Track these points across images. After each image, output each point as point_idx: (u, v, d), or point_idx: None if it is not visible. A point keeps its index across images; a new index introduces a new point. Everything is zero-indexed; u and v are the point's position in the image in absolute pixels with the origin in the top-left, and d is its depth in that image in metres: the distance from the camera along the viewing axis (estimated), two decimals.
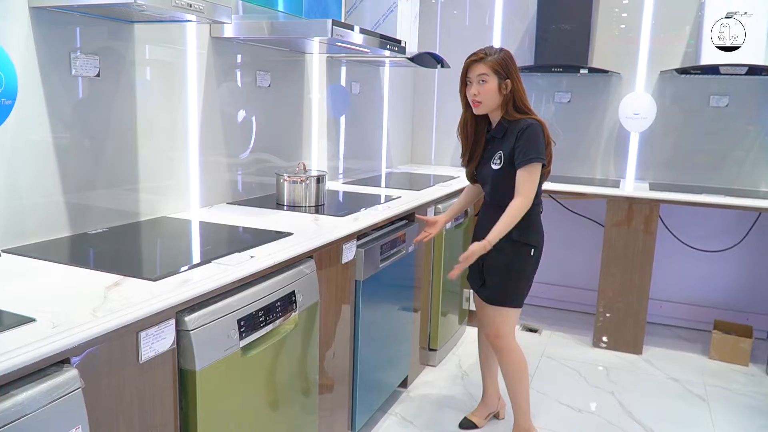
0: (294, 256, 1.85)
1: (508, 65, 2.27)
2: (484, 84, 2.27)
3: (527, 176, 2.24)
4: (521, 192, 2.24)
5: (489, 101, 2.29)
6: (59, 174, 1.85)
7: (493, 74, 2.25)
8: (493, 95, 2.28)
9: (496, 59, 2.26)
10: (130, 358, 1.31)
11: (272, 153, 2.88)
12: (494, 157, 2.34)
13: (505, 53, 2.29)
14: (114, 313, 1.26)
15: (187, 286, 1.45)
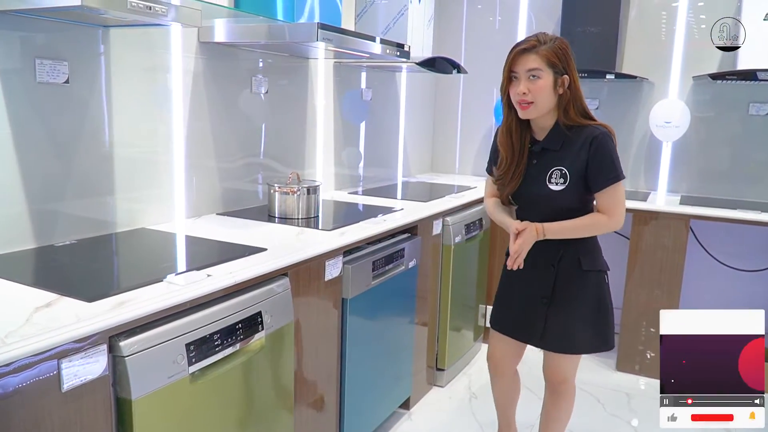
0: (261, 275, 1.74)
1: (566, 57, 1.87)
2: (537, 80, 1.84)
3: (615, 199, 1.90)
4: (613, 217, 1.91)
5: (542, 102, 1.87)
6: (22, 184, 1.79)
7: (548, 68, 1.84)
8: (548, 95, 1.86)
9: (551, 48, 1.84)
10: (50, 387, 1.21)
11: (271, 161, 2.78)
12: (550, 175, 1.92)
13: (560, 41, 1.88)
14: (26, 339, 1.16)
15: (122, 309, 1.35)
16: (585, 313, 1.99)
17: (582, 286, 1.98)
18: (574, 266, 1.97)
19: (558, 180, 1.91)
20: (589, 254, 1.98)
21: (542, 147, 1.95)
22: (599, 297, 2.00)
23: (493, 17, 4.12)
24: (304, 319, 1.98)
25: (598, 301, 1.99)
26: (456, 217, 3.03)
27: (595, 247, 2.01)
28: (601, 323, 2.01)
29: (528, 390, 3.11)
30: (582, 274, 1.97)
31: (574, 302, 1.99)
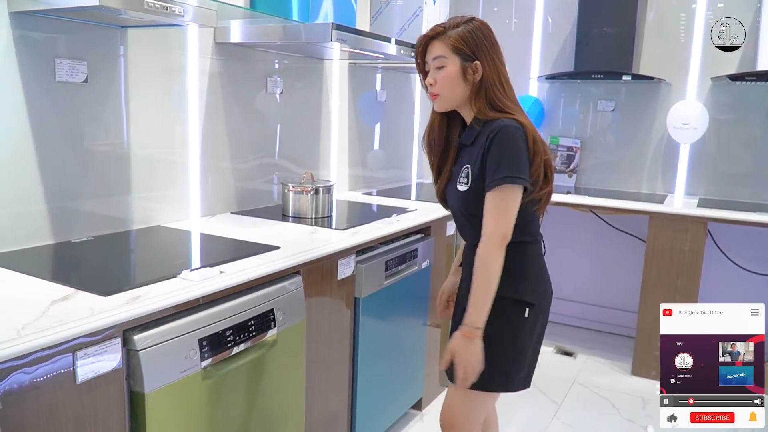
0: (274, 272, 1.75)
1: (477, 41, 1.60)
2: (442, 69, 1.62)
3: (496, 206, 1.54)
4: (486, 233, 1.55)
5: (449, 93, 1.63)
6: (41, 182, 1.82)
7: (454, 54, 1.60)
8: (455, 84, 1.61)
9: (458, 33, 1.60)
10: (65, 379, 1.23)
11: (286, 162, 2.80)
12: (461, 174, 1.67)
13: (473, 25, 1.62)
14: (41, 331, 1.18)
15: (136, 303, 1.37)
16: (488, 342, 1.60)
17: (493, 313, 1.58)
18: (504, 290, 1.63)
19: (463, 180, 1.66)
20: (509, 279, 1.60)
21: (460, 143, 1.72)
22: (503, 332, 1.64)
23: (509, 19, 4.11)
24: (317, 317, 1.99)
25: (500, 338, 1.63)
26: None
27: (520, 271, 1.65)
28: (491, 363, 1.59)
29: (541, 393, 3.10)
30: (498, 301, 1.59)
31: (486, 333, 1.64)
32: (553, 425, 2.82)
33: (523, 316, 1.65)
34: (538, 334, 1.73)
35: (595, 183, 3.97)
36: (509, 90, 1.66)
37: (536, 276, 1.70)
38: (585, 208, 3.61)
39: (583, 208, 3.58)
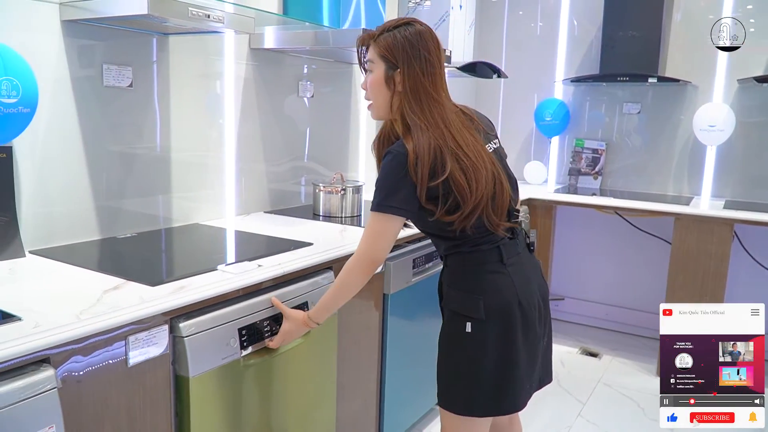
0: (308, 267, 1.83)
1: (401, 48, 1.49)
2: (370, 74, 1.56)
3: (367, 230, 1.56)
4: (357, 252, 1.57)
5: (375, 100, 1.57)
6: (90, 181, 1.93)
7: (380, 60, 1.52)
8: (378, 91, 1.54)
9: (386, 39, 1.51)
10: (118, 362, 1.33)
11: (316, 164, 2.89)
12: None
13: (408, 31, 1.51)
14: (98, 316, 1.28)
15: (182, 293, 1.46)
16: (438, 361, 1.67)
17: (444, 326, 1.66)
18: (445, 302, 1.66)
19: None
20: (458, 289, 1.60)
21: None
22: (447, 346, 1.63)
23: (534, 23, 4.16)
24: (347, 311, 2.07)
25: (445, 351, 1.64)
26: None
27: (468, 281, 1.59)
28: (443, 377, 1.64)
29: (565, 391, 3.14)
30: (447, 314, 1.64)
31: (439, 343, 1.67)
32: (578, 423, 2.85)
33: (465, 330, 1.56)
34: (509, 351, 1.56)
35: (620, 185, 3.99)
36: (426, 101, 1.50)
37: (479, 287, 1.57)
38: (610, 210, 3.64)
39: (608, 209, 3.61)
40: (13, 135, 1.55)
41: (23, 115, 1.51)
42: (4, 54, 1.47)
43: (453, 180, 1.46)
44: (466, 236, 1.55)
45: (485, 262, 1.58)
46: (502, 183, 1.56)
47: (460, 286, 1.59)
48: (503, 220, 1.57)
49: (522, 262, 1.63)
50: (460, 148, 1.49)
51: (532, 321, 1.59)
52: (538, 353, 1.67)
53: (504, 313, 1.56)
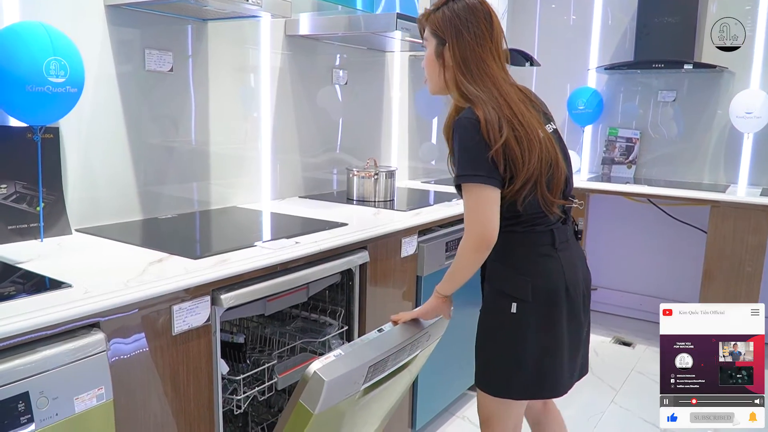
0: (344, 245, 1.86)
1: (452, 22, 1.51)
2: (426, 52, 1.60)
3: (465, 205, 1.50)
4: (465, 229, 1.51)
5: (431, 75, 1.61)
6: (132, 164, 1.99)
7: (432, 36, 1.57)
8: (431, 68, 1.59)
9: (435, 15, 1.55)
10: (163, 330, 1.37)
11: (348, 151, 2.92)
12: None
13: (456, 4, 1.52)
14: (144, 284, 1.32)
15: (223, 266, 1.50)
16: (477, 338, 1.67)
17: (485, 306, 1.66)
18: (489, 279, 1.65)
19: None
20: (503, 269, 1.59)
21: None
22: (489, 327, 1.62)
23: (567, 15, 4.13)
24: (381, 291, 2.09)
25: (486, 333, 1.63)
26: None
27: (513, 261, 1.57)
28: (482, 358, 1.64)
29: (599, 379, 3.12)
30: (490, 294, 1.63)
31: (479, 323, 1.67)
32: (611, 409, 2.84)
33: (509, 311, 1.55)
34: (553, 336, 1.55)
35: (654, 174, 3.94)
36: (478, 73, 1.51)
37: (529, 269, 1.55)
38: (643, 199, 3.60)
39: (641, 197, 3.57)
40: (61, 114, 1.60)
41: (71, 95, 1.57)
42: (52, 34, 1.52)
43: (508, 147, 1.45)
44: (522, 216, 1.53)
45: (537, 244, 1.56)
46: (558, 162, 1.54)
47: (509, 265, 1.57)
48: (558, 199, 1.55)
49: (570, 249, 1.61)
50: (515, 116, 1.47)
51: (577, 309, 1.58)
52: (581, 342, 1.65)
53: (551, 297, 1.54)
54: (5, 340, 1.08)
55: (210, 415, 1.53)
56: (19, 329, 1.09)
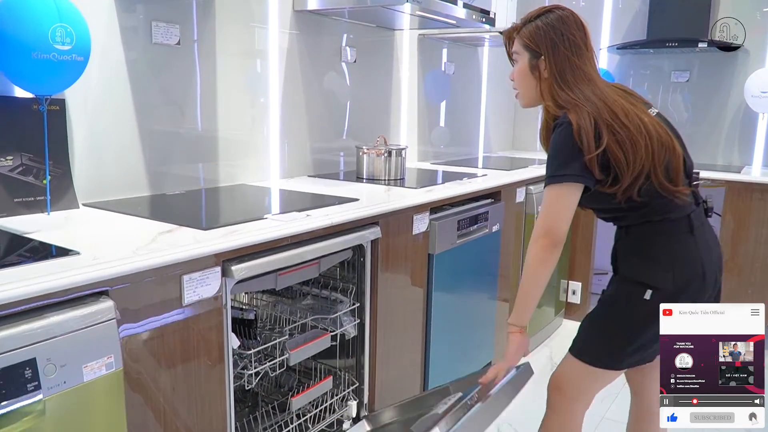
0: (354, 219, 1.83)
1: (543, 36, 1.56)
2: (517, 65, 1.63)
3: (544, 205, 1.53)
4: (534, 230, 1.54)
5: (522, 89, 1.63)
6: (140, 139, 1.95)
7: (524, 50, 1.60)
8: (525, 81, 1.60)
9: (528, 29, 1.58)
10: (172, 300, 1.34)
11: (357, 132, 2.88)
12: None
13: (549, 18, 1.57)
14: (153, 253, 1.29)
15: (234, 236, 1.47)
16: (595, 314, 1.68)
17: (612, 291, 1.64)
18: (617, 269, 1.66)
19: None
20: (631, 259, 1.59)
21: None
22: (617, 311, 1.61)
23: None
24: (393, 268, 2.06)
25: (612, 316, 1.62)
26: (540, 187, 3.03)
27: (650, 250, 1.56)
28: (597, 336, 1.65)
29: None
30: (620, 281, 1.63)
31: (600, 302, 1.69)
32: None
33: (643, 298, 1.53)
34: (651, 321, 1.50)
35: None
36: (574, 81, 1.54)
37: (665, 257, 1.54)
38: None
39: None
40: (67, 84, 1.57)
41: (77, 63, 1.53)
42: (58, 0, 1.48)
43: (609, 152, 1.46)
44: (650, 205, 1.52)
45: (675, 233, 1.55)
46: (674, 147, 1.52)
47: (647, 256, 1.56)
48: (681, 185, 1.53)
49: (706, 232, 1.60)
50: (617, 118, 1.47)
51: (708, 294, 1.57)
52: None
53: (688, 284, 1.54)
54: (10, 306, 1.05)
55: (221, 390, 1.50)
56: (25, 294, 1.06)
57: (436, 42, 3.39)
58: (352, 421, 2.02)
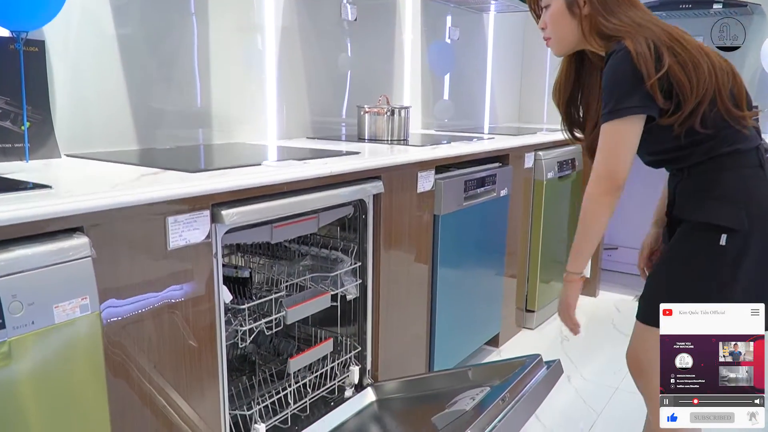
0: (354, 170, 1.71)
1: None
2: (549, 9, 1.49)
3: (600, 146, 1.40)
4: (592, 172, 1.41)
5: (559, 33, 1.49)
6: (127, 88, 1.84)
7: None
8: (562, 23, 1.47)
9: None
10: (157, 244, 1.23)
11: (358, 93, 2.76)
12: None
13: None
14: (134, 189, 1.18)
15: (224, 178, 1.36)
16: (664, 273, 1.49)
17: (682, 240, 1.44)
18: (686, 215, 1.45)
19: None
20: (700, 200, 1.40)
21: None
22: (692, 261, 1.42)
23: None
24: (397, 228, 1.94)
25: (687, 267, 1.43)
26: (548, 153, 2.91)
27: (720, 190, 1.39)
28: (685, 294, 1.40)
29: (621, 334, 2.97)
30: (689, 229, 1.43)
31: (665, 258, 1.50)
32: None
33: (718, 245, 1.36)
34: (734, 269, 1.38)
35: None
36: (619, 8, 1.41)
37: (738, 193, 1.37)
38: None
39: None
40: (46, 18, 1.45)
41: None
42: None
43: (672, 75, 1.32)
44: (717, 137, 1.37)
45: (745, 166, 1.39)
46: (734, 72, 1.39)
47: (715, 194, 1.39)
48: (747, 110, 1.39)
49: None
50: (676, 41, 1.35)
51: None
52: None
53: (763, 225, 1.37)
54: None
55: (212, 347, 1.39)
56: None
57: (440, 5, 3.26)
58: (354, 388, 1.91)
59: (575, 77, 1.58)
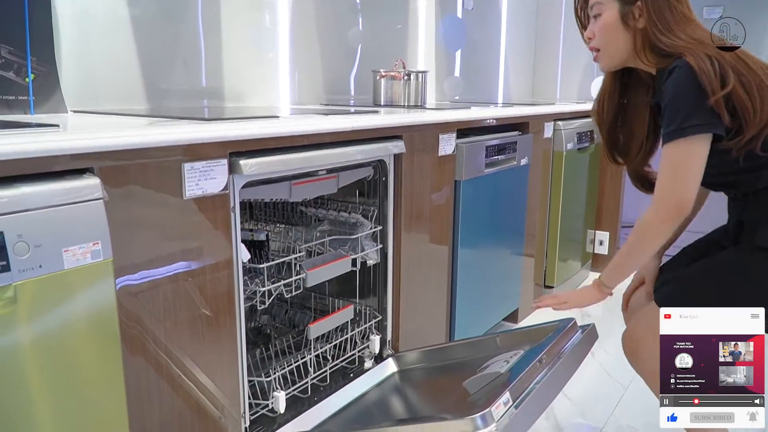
0: (375, 127, 1.63)
1: None
2: (599, 18, 1.40)
3: (663, 168, 1.31)
4: (654, 197, 1.33)
5: (610, 45, 1.40)
6: (136, 47, 1.75)
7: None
8: (614, 34, 1.38)
9: None
10: (172, 191, 1.15)
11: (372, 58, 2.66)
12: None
13: None
14: (147, 131, 1.10)
15: (242, 124, 1.27)
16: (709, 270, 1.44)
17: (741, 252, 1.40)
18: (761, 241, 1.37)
19: None
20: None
21: (655, 102, 1.44)
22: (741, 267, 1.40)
23: None
24: (418, 191, 1.86)
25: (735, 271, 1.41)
26: (568, 123, 2.83)
27: None
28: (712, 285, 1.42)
29: None
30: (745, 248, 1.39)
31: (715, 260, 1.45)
32: None
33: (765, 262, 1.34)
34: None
35: None
36: (676, 24, 1.33)
37: None
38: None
39: None
40: None
41: None
42: None
43: (735, 97, 1.24)
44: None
45: None
46: None
47: None
48: None
49: None
50: (740, 60, 1.27)
51: None
52: None
53: None
54: None
55: (230, 306, 1.31)
56: None
57: None
58: (374, 359, 1.83)
59: (620, 95, 1.50)
